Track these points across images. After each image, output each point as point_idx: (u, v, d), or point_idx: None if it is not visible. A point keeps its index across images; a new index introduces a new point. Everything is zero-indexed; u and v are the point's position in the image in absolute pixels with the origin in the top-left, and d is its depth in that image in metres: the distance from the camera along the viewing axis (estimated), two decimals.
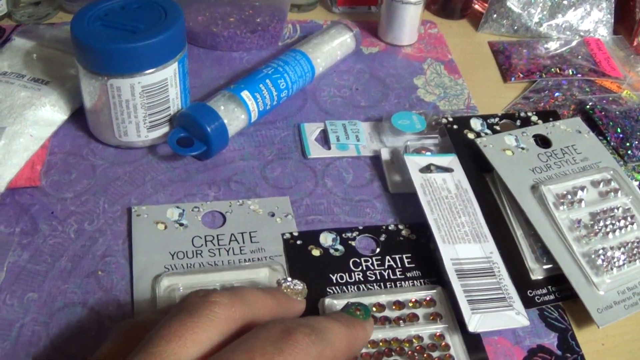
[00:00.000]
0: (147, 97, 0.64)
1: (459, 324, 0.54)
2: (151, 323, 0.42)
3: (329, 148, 0.71)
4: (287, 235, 0.61)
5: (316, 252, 0.60)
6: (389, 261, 0.60)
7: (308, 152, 0.70)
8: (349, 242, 0.61)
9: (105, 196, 0.63)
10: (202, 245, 0.59)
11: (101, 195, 0.64)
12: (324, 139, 0.73)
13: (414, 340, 0.53)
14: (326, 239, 0.61)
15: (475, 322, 0.53)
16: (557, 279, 0.59)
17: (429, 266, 0.60)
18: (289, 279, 0.50)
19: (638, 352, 0.56)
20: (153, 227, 0.61)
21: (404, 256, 0.61)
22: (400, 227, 0.63)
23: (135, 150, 0.69)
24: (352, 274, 0.58)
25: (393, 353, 0.52)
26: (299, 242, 0.61)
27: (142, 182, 0.65)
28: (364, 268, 0.59)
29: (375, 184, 0.68)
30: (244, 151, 0.70)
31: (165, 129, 0.68)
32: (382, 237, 0.62)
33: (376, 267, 0.59)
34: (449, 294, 0.56)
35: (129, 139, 0.67)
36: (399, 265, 0.60)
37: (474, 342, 0.54)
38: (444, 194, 0.63)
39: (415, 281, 0.59)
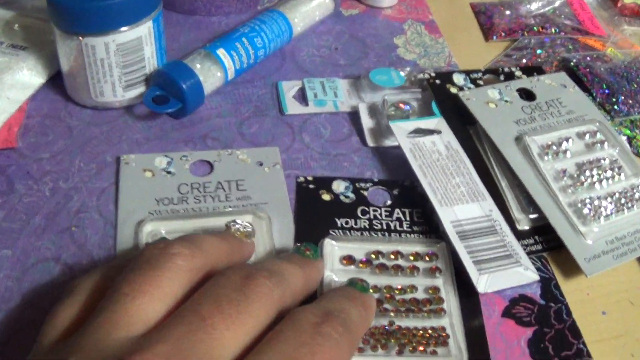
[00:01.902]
0: (122, 56, 0.64)
1: (457, 279, 0.54)
2: (110, 280, 0.41)
3: (307, 105, 0.70)
4: (301, 179, 0.61)
5: (326, 197, 0.60)
6: (397, 213, 0.60)
7: (285, 109, 0.69)
8: (361, 191, 0.61)
9: (81, 155, 0.62)
10: (188, 192, 0.59)
11: (77, 155, 0.63)
12: (301, 97, 0.72)
13: (407, 289, 0.52)
14: (339, 186, 0.61)
15: (484, 283, 0.52)
16: (543, 229, 0.58)
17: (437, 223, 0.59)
18: (238, 221, 0.51)
19: (624, 302, 0.55)
20: (141, 175, 0.61)
21: (414, 211, 0.60)
22: (416, 184, 0.62)
23: (111, 110, 0.68)
24: (358, 220, 0.58)
25: (384, 300, 0.51)
26: (311, 186, 0.61)
27: (118, 140, 0.64)
28: (372, 217, 0.59)
29: (354, 139, 0.67)
30: (220, 109, 0.69)
31: (141, 88, 0.67)
32: (396, 191, 0.62)
33: (384, 218, 0.59)
34: (452, 251, 0.55)
35: (105, 99, 0.66)
36: (408, 219, 0.59)
37: (469, 297, 0.53)
38: (435, 156, 0.62)
39: (420, 235, 0.58)
